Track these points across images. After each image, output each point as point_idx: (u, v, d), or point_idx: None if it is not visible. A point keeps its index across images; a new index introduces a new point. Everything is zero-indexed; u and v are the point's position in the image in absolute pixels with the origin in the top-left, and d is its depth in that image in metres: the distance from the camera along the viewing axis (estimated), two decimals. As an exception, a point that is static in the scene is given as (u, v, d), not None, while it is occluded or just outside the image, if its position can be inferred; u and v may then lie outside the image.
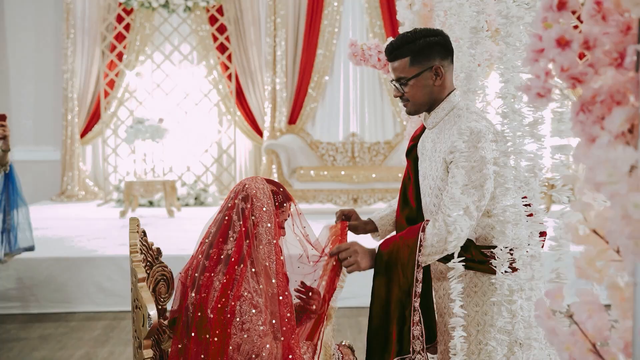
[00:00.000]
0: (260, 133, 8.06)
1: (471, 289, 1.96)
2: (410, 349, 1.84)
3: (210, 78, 8.05)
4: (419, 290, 1.84)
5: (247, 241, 1.81)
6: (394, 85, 2.00)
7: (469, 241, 1.91)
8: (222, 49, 8.03)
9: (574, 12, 0.87)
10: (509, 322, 1.88)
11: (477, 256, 1.91)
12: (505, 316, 1.88)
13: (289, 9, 7.96)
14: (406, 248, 1.84)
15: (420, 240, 1.83)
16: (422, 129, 2.12)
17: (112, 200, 7.83)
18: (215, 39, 8.00)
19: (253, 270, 1.82)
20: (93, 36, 8.05)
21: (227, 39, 8.00)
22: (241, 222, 1.83)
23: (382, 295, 1.88)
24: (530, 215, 1.88)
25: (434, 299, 2.10)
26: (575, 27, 0.88)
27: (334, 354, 1.90)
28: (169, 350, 1.87)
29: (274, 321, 1.80)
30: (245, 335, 1.74)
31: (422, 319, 1.85)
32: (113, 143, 8.20)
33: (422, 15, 2.52)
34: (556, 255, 1.82)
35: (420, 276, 1.83)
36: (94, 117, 8.12)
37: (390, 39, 2.12)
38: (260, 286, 1.81)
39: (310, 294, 1.99)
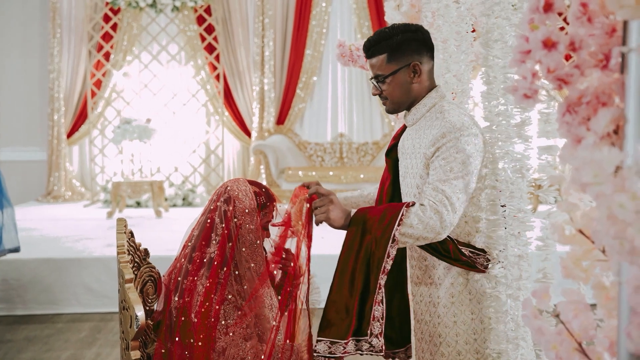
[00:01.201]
0: (248, 133, 8.05)
1: (465, 296, 1.90)
2: (369, 331, 1.73)
3: (198, 78, 8.02)
4: (388, 267, 1.73)
5: (230, 244, 1.80)
6: (372, 82, 1.96)
7: (448, 237, 1.85)
8: (210, 49, 8.00)
9: (560, 14, 0.88)
10: (506, 322, 1.87)
11: (455, 254, 1.86)
12: (504, 319, 1.86)
13: (277, 10, 7.95)
14: (385, 219, 1.74)
15: (402, 215, 1.72)
16: (404, 129, 2.07)
17: (99, 201, 7.78)
18: (203, 39, 7.98)
19: (237, 272, 1.81)
20: (80, 36, 8.00)
21: (215, 39, 7.98)
22: (223, 225, 1.81)
23: (349, 263, 1.77)
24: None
25: (412, 305, 2.06)
26: (562, 28, 0.88)
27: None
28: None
29: (258, 323, 1.79)
30: (230, 339, 1.73)
31: (384, 300, 1.74)
32: (100, 143, 8.15)
33: (410, 16, 2.52)
34: (543, 255, 1.84)
35: (393, 252, 1.72)
36: (81, 117, 8.07)
37: None
38: (244, 287, 1.80)
39: (284, 256, 1.91)
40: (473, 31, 2.15)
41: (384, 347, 1.73)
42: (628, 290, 0.72)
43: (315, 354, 1.73)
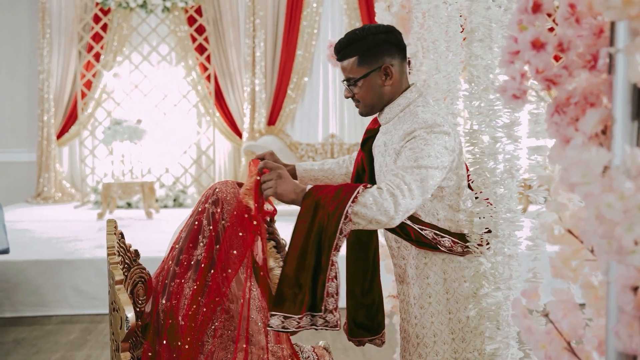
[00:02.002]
0: (239, 134, 8.03)
1: (442, 295, 1.89)
2: (323, 307, 1.68)
3: (189, 79, 8.00)
4: (341, 244, 1.68)
5: (217, 246, 1.79)
6: (344, 85, 1.93)
7: (406, 222, 1.84)
8: (201, 49, 7.98)
9: (549, 15, 0.88)
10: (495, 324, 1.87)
11: (417, 236, 1.85)
12: (490, 325, 1.87)
13: (268, 10, 7.94)
14: (339, 195, 1.68)
15: (357, 192, 1.66)
16: (380, 125, 2.04)
17: (90, 202, 7.74)
18: (194, 39, 7.96)
19: (224, 275, 1.80)
20: (69, 36, 7.95)
21: (205, 39, 7.96)
22: (211, 227, 1.80)
23: (302, 237, 1.70)
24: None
25: (398, 302, 2.06)
26: (551, 29, 0.89)
27: (308, 357, 1.88)
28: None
29: (246, 325, 1.79)
30: (218, 342, 1.72)
31: (338, 275, 1.69)
32: (90, 144, 8.11)
33: (401, 17, 2.53)
34: (532, 255, 1.84)
35: (345, 229, 1.66)
36: (71, 118, 8.02)
37: None
38: (232, 290, 1.80)
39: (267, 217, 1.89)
40: (462, 31, 2.16)
41: (339, 322, 1.68)
42: (616, 290, 0.73)
43: (268, 328, 1.68)
